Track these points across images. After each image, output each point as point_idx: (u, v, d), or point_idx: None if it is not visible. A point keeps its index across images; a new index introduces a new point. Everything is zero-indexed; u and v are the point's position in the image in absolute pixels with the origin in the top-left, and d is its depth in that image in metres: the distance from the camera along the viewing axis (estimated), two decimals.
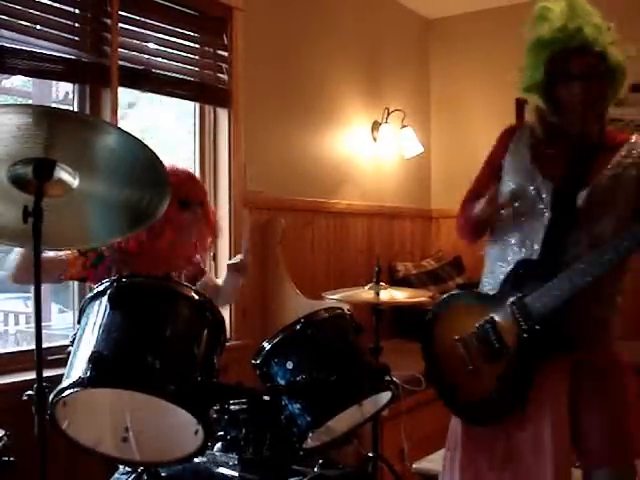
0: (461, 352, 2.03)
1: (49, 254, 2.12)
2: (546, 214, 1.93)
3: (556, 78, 1.90)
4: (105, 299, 1.53)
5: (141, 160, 1.51)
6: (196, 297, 1.62)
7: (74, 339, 1.57)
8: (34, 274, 1.45)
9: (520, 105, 4.17)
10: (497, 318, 1.97)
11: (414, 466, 2.95)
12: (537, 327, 1.88)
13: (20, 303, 4.18)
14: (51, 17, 2.72)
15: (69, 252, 2.16)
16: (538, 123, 2.01)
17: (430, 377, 2.21)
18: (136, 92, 3.19)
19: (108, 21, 2.90)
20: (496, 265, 2.06)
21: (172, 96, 3.29)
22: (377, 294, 2.73)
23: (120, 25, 2.96)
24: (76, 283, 2.93)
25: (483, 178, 2.15)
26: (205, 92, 3.39)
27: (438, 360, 2.13)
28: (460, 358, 2.04)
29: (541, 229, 1.93)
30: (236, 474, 1.75)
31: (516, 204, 1.99)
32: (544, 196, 1.93)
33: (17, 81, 3.37)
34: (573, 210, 1.89)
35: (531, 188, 1.96)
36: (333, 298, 2.76)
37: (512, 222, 2.00)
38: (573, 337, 1.87)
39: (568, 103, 1.90)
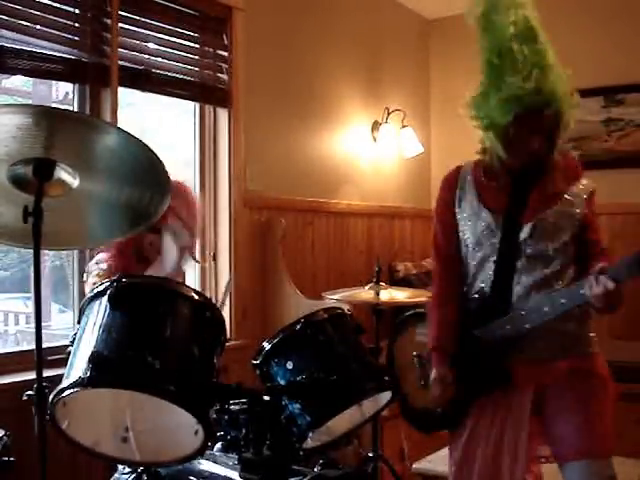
0: (416, 367, 2.25)
1: None
2: (497, 247, 2.01)
3: (520, 130, 1.93)
4: (105, 299, 1.53)
5: (141, 160, 1.51)
6: (196, 297, 1.62)
7: (74, 339, 1.56)
8: (34, 274, 1.45)
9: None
10: None
11: (414, 466, 2.95)
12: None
13: (20, 303, 4.18)
14: (51, 17, 2.72)
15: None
16: (488, 159, 2.07)
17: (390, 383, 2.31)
18: (136, 92, 3.19)
19: (108, 21, 2.90)
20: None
21: (172, 96, 3.29)
22: (377, 294, 2.73)
23: (120, 25, 2.96)
24: (76, 283, 2.93)
25: (439, 238, 2.18)
26: (205, 92, 3.39)
27: (397, 368, 2.36)
28: (414, 372, 2.26)
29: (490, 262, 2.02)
30: (236, 474, 1.74)
31: (475, 243, 2.05)
32: (495, 232, 2.00)
33: (17, 81, 3.36)
34: (517, 242, 1.97)
35: (482, 225, 2.02)
36: (333, 298, 2.77)
37: (473, 260, 2.07)
38: (509, 373, 1.96)
39: (522, 148, 1.95)
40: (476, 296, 2.04)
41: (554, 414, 1.98)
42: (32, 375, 1.46)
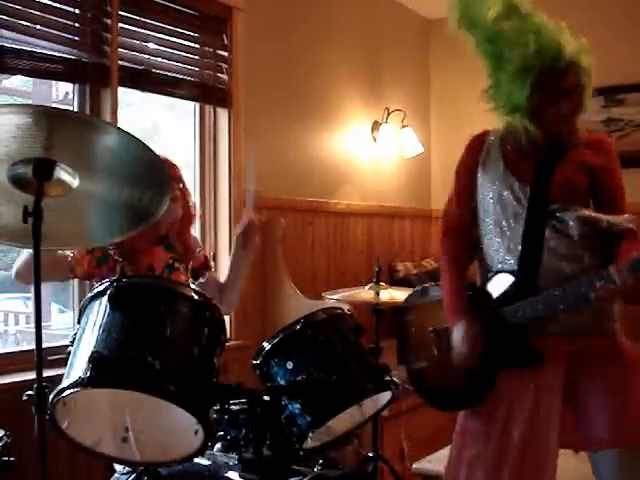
0: (432, 342, 2.14)
1: (57, 253, 2.12)
2: (524, 218, 1.97)
3: (543, 96, 1.91)
4: (105, 299, 1.53)
5: (141, 160, 1.51)
6: (196, 297, 1.62)
7: (74, 339, 1.56)
8: (34, 274, 1.45)
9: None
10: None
11: (414, 466, 2.95)
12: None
13: (20, 303, 4.18)
14: (51, 17, 2.72)
15: (75, 251, 2.16)
16: (517, 134, 2.02)
17: (401, 359, 2.30)
18: (136, 92, 3.19)
19: (108, 21, 2.90)
20: (486, 274, 2.09)
21: (172, 96, 3.29)
22: (377, 294, 2.73)
23: (120, 25, 2.96)
24: (76, 283, 2.93)
25: (453, 205, 2.19)
26: (205, 92, 3.39)
27: (410, 345, 2.25)
28: (430, 348, 2.15)
29: (520, 233, 1.97)
30: (236, 474, 1.74)
31: (497, 212, 2.02)
32: (523, 201, 1.97)
33: (17, 81, 3.36)
34: (545, 212, 1.94)
35: (507, 194, 1.99)
36: (333, 298, 2.77)
37: (495, 230, 2.03)
38: (539, 353, 1.92)
39: (553, 117, 1.93)
40: (501, 267, 1.99)
41: (588, 400, 1.94)
42: (32, 375, 1.46)
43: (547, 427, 1.94)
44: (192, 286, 2.21)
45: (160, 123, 3.68)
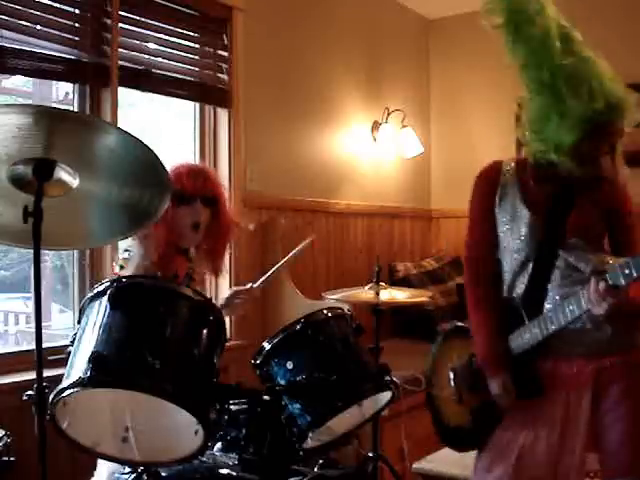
0: (450, 380, 2.15)
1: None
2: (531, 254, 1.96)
3: (592, 144, 1.86)
4: (105, 299, 1.53)
5: (141, 160, 1.51)
6: (196, 297, 1.62)
7: (74, 339, 1.56)
8: (34, 274, 1.45)
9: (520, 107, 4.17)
10: None
11: (414, 466, 2.95)
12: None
13: (20, 303, 4.17)
14: (51, 17, 2.72)
15: None
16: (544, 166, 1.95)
17: (427, 403, 2.28)
18: (136, 92, 3.19)
19: (108, 21, 2.90)
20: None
21: (172, 96, 3.29)
22: (377, 294, 2.73)
23: (120, 25, 2.96)
24: (76, 283, 2.93)
25: (476, 236, 2.11)
26: (205, 92, 3.39)
27: (435, 386, 2.24)
28: (449, 385, 2.16)
29: (529, 266, 1.97)
30: (236, 474, 1.74)
31: (507, 237, 2.01)
32: (526, 231, 1.96)
33: (17, 81, 3.36)
34: (555, 248, 1.93)
35: (519, 222, 1.98)
36: (333, 298, 2.76)
37: (515, 265, 2.01)
38: (541, 383, 1.92)
39: (591, 159, 1.88)
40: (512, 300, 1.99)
41: (607, 422, 1.91)
42: (32, 375, 1.46)
43: (574, 440, 1.90)
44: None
45: (160, 123, 3.68)
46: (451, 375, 2.15)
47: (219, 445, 1.85)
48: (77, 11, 2.83)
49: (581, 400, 1.91)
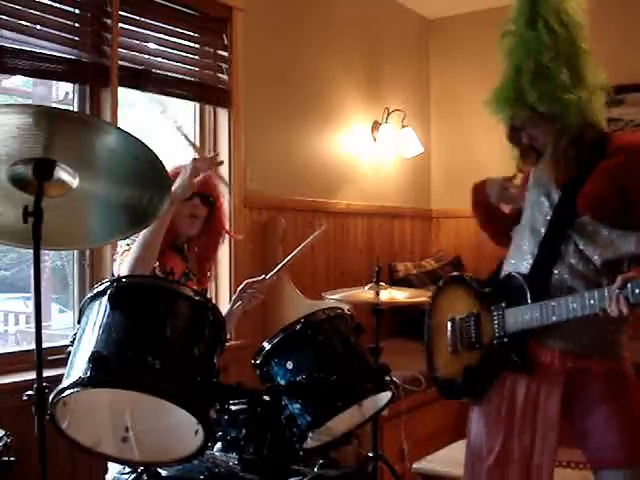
0: (448, 330, 2.17)
1: None
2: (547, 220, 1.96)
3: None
4: (105, 299, 1.53)
5: (141, 160, 1.51)
6: (196, 297, 1.62)
7: (74, 339, 1.56)
8: (34, 274, 1.45)
9: None
10: (482, 315, 2.09)
11: (414, 466, 2.95)
12: (505, 339, 1.99)
13: (20, 303, 4.17)
14: (51, 17, 2.72)
15: None
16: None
17: (425, 345, 2.30)
18: (136, 92, 3.19)
19: (108, 21, 2.90)
20: (508, 262, 2.09)
21: (172, 96, 3.29)
22: (377, 294, 2.73)
23: (120, 25, 2.96)
24: (76, 283, 2.94)
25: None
26: (205, 92, 3.40)
27: (432, 330, 2.26)
28: (445, 334, 2.18)
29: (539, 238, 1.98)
30: (236, 474, 1.74)
31: (530, 212, 2.03)
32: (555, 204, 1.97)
33: (17, 81, 3.36)
34: (565, 227, 1.92)
35: (544, 199, 1.99)
36: (333, 298, 2.76)
37: (527, 231, 2.03)
38: (532, 363, 1.95)
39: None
40: (514, 273, 2.00)
41: (588, 419, 1.94)
42: (32, 375, 1.45)
43: (545, 438, 1.94)
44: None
45: (160, 123, 3.68)
46: (449, 325, 2.16)
47: (219, 445, 1.85)
48: (77, 11, 2.83)
49: (551, 397, 1.94)
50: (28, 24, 2.65)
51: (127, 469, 1.89)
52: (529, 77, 1.88)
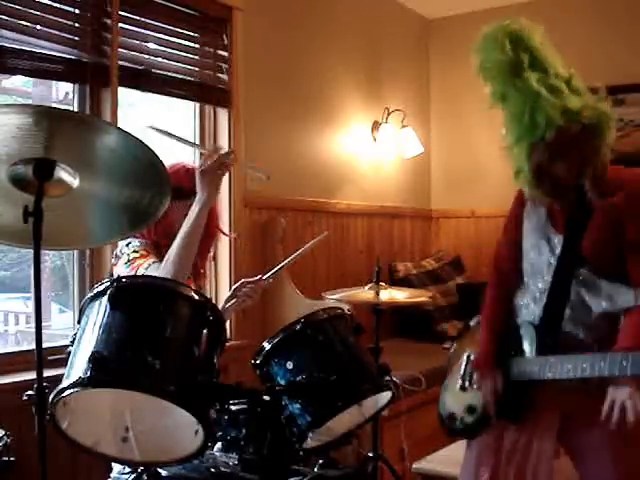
0: (462, 366, 2.14)
1: None
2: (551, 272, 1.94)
3: (538, 162, 1.90)
4: (105, 299, 1.53)
5: (141, 160, 1.51)
6: (196, 297, 1.62)
7: (74, 339, 1.56)
8: (34, 274, 1.45)
9: None
10: None
11: (414, 466, 2.95)
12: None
13: (20, 303, 4.17)
14: (51, 17, 2.72)
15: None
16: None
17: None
18: (136, 92, 3.19)
19: (108, 21, 2.90)
20: (519, 302, 2.07)
21: (172, 96, 3.29)
22: (377, 294, 2.73)
23: (120, 25, 2.96)
24: (76, 283, 2.94)
25: (504, 260, 2.14)
26: (205, 92, 3.39)
27: (451, 365, 2.23)
28: (458, 370, 2.16)
29: (546, 289, 1.95)
30: (236, 474, 1.74)
31: (531, 256, 2.00)
32: (557, 253, 1.94)
33: (17, 81, 3.36)
34: (574, 269, 1.90)
35: (544, 243, 1.96)
36: (333, 298, 2.76)
37: (530, 274, 2.01)
38: (523, 417, 1.95)
39: (555, 178, 1.90)
40: (526, 317, 1.99)
41: (583, 450, 1.95)
42: (32, 375, 1.46)
43: (537, 472, 1.95)
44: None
45: (160, 123, 3.68)
46: (464, 358, 2.15)
47: (219, 445, 1.85)
48: (77, 11, 2.83)
49: (549, 427, 1.96)
50: (28, 24, 2.65)
51: (127, 469, 1.89)
52: (551, 99, 1.81)
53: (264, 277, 2.43)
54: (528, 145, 1.86)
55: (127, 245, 2.17)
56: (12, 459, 1.72)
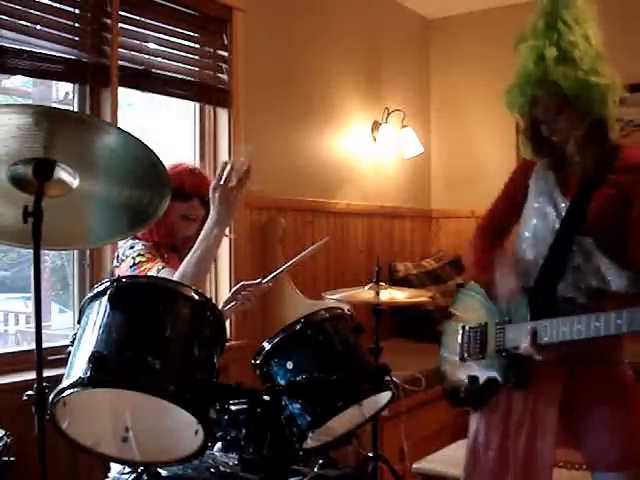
0: (458, 337, 2.17)
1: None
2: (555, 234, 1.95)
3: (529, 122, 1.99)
4: (105, 299, 1.53)
5: (141, 160, 1.51)
6: (196, 297, 1.62)
7: (74, 339, 1.56)
8: (34, 274, 1.45)
9: None
10: (488, 327, 2.09)
11: (414, 466, 2.95)
12: (503, 354, 2.01)
13: (20, 303, 4.17)
14: (51, 17, 2.72)
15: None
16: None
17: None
18: (136, 92, 3.19)
19: (108, 21, 2.90)
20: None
21: (172, 96, 3.29)
22: (377, 294, 2.73)
23: (120, 25, 2.96)
24: (76, 283, 2.94)
25: (496, 212, 2.19)
26: (205, 92, 3.40)
27: (447, 335, 2.26)
28: (455, 340, 2.18)
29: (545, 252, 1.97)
30: (236, 474, 1.74)
31: (537, 227, 2.01)
32: (563, 217, 1.95)
33: (17, 81, 3.36)
34: (569, 243, 1.91)
35: (550, 209, 1.98)
36: (333, 298, 2.76)
37: (531, 241, 2.03)
38: (526, 382, 1.96)
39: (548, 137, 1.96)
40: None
41: (586, 421, 1.95)
42: (32, 375, 1.46)
43: (543, 441, 1.96)
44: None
45: (160, 123, 3.68)
46: (459, 332, 2.16)
47: (219, 445, 1.85)
48: (77, 11, 2.83)
49: (549, 407, 1.96)
50: (28, 24, 2.65)
51: (127, 469, 1.89)
52: (553, 60, 1.86)
53: (264, 281, 2.42)
54: (528, 98, 1.93)
55: (131, 248, 2.17)
56: (12, 459, 1.72)
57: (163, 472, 1.74)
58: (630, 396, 1.95)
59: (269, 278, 2.43)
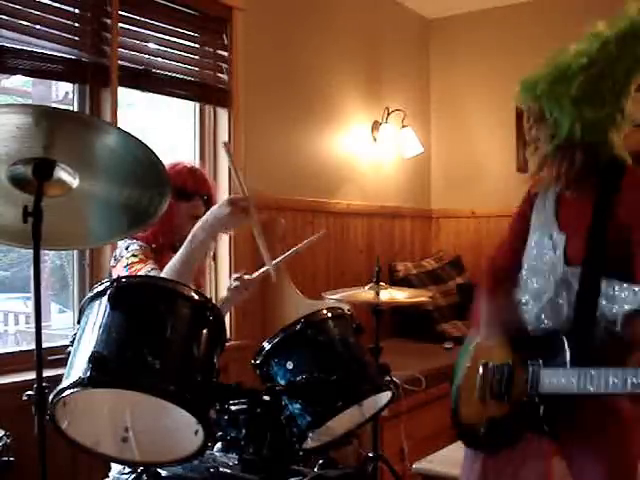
0: (479, 375, 2.04)
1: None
2: (559, 271, 1.88)
3: None
4: (105, 299, 1.53)
5: (141, 160, 1.51)
6: (196, 297, 1.62)
7: (74, 339, 1.56)
8: (34, 274, 1.45)
9: (520, 110, 4.17)
10: (516, 367, 1.95)
11: (414, 466, 2.95)
12: (536, 399, 1.85)
13: (20, 303, 4.17)
14: (51, 17, 2.72)
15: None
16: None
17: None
18: (136, 92, 3.19)
19: (108, 21, 2.90)
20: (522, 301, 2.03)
21: (172, 96, 3.29)
22: (377, 294, 2.73)
23: (120, 25, 2.96)
24: (76, 283, 2.93)
25: (509, 252, 2.12)
26: (205, 92, 3.40)
27: (464, 370, 2.15)
28: (475, 378, 2.05)
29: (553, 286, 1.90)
30: (236, 474, 1.74)
31: (533, 262, 1.97)
32: (557, 252, 1.90)
33: (17, 81, 3.36)
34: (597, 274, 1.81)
35: (547, 240, 1.93)
36: (333, 298, 2.76)
37: (530, 276, 1.98)
38: (559, 430, 1.86)
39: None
40: (542, 323, 1.92)
41: (579, 458, 1.90)
42: (32, 375, 1.46)
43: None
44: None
45: (160, 123, 3.68)
46: (480, 369, 2.03)
47: (219, 445, 1.85)
48: (77, 11, 2.83)
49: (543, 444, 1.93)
50: (28, 24, 2.65)
51: (127, 469, 1.89)
52: (550, 79, 1.86)
53: (256, 273, 2.42)
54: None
55: (126, 248, 2.17)
56: (12, 459, 1.72)
57: (163, 472, 1.73)
58: (625, 431, 1.86)
59: (263, 270, 2.43)
